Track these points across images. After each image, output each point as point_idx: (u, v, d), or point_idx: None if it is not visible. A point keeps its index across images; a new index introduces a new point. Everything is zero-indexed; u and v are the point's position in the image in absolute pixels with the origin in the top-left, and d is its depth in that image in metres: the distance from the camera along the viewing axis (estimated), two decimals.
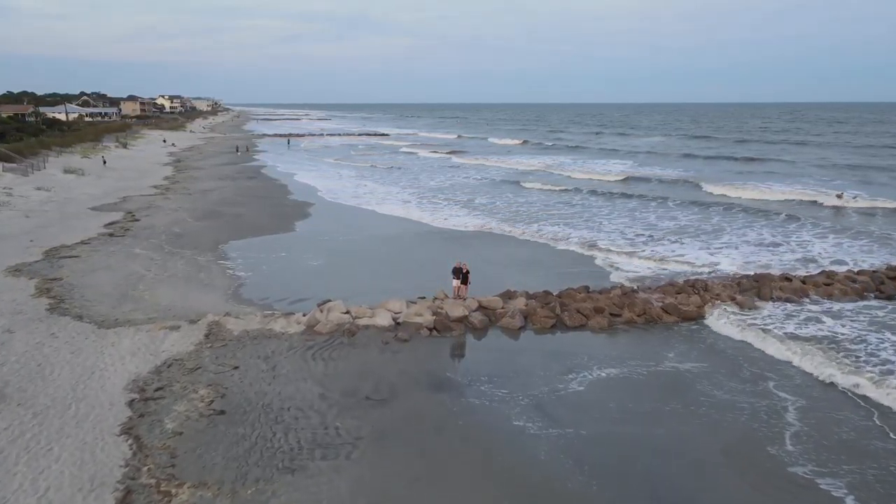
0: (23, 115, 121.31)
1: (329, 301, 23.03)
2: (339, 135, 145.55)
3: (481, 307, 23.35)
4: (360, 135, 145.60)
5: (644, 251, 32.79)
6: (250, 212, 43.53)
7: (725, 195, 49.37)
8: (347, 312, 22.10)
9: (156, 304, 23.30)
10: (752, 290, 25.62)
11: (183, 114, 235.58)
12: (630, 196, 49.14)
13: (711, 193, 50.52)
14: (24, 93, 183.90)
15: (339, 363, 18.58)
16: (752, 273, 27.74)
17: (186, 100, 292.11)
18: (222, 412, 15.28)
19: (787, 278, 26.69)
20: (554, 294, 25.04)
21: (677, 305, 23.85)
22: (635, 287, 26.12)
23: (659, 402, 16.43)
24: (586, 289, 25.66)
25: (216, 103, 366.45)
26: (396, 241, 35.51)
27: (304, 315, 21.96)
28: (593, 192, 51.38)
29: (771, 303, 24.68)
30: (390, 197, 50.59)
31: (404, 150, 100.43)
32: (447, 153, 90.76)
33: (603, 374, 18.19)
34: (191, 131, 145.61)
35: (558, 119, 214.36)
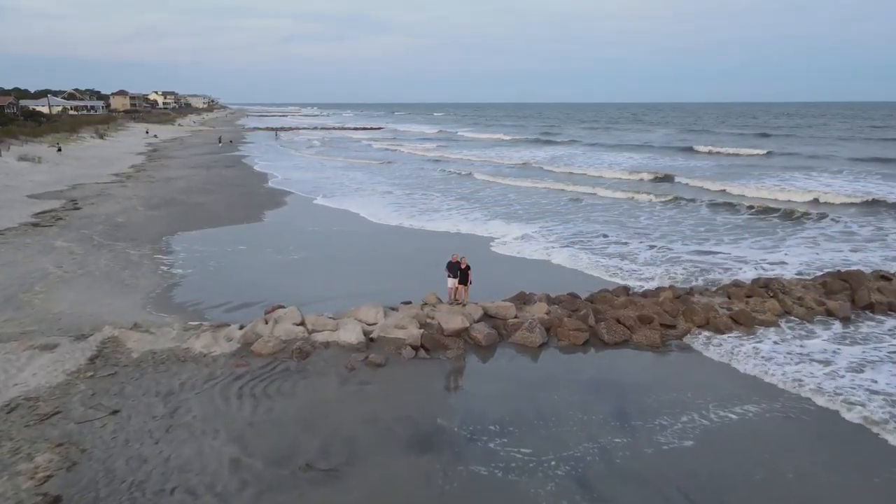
0: (1, 106, 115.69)
1: (280, 307, 16.90)
2: (327, 129, 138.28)
3: (487, 316, 17.22)
4: (340, 129, 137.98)
5: (680, 248, 26.64)
6: (215, 200, 37.35)
7: (773, 198, 38.47)
8: (302, 324, 15.93)
9: (45, 312, 17.14)
10: (843, 291, 19.47)
11: (177, 110, 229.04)
12: (668, 199, 39.03)
13: (760, 197, 38.83)
14: (17, 89, 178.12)
15: (277, 404, 12.40)
16: (836, 271, 21.50)
17: (181, 96, 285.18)
18: (56, 500, 9.10)
19: (885, 276, 20.51)
20: (583, 298, 18.91)
21: (750, 313, 17.69)
22: (689, 288, 19.94)
23: (819, 476, 10.25)
24: (626, 291, 19.49)
25: (212, 101, 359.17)
26: (377, 236, 29.36)
27: (241, 328, 15.79)
28: (601, 190, 43.02)
29: (870, 311, 18.55)
30: (368, 189, 43.74)
31: (386, 144, 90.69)
32: (430, 148, 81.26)
33: (688, 421, 11.99)
34: (179, 125, 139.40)
35: (558, 116, 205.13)
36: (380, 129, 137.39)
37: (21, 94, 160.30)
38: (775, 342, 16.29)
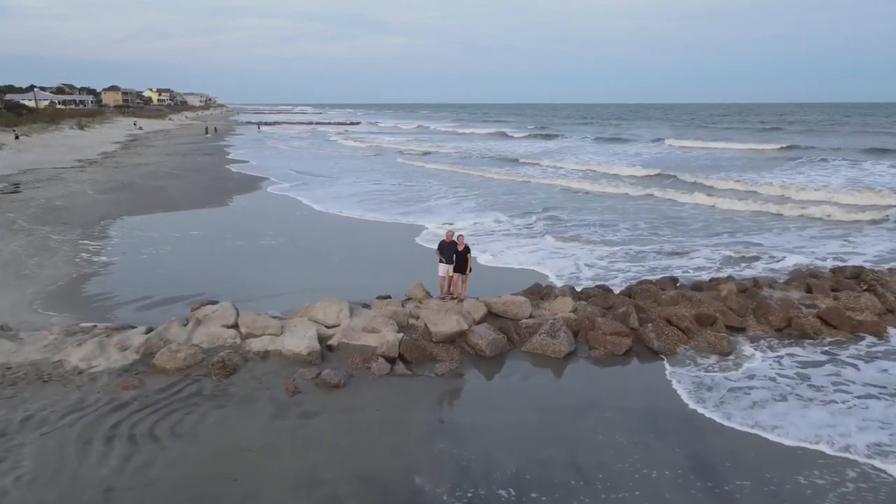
0: None
1: (211, 303, 12.44)
2: (309, 124, 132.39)
3: (493, 315, 12.75)
4: (319, 124, 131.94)
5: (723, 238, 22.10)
6: (179, 185, 32.89)
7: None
8: (234, 326, 11.44)
9: None
10: None
11: (172, 107, 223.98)
12: (683, 195, 30.95)
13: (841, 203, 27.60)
14: (11, 87, 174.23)
15: (165, 453, 7.90)
16: None
17: (176, 94, 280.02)
18: None
19: None
20: (618, 293, 14.42)
21: (844, 312, 13.18)
22: (753, 279, 15.40)
23: None
24: (674, 282, 14.99)
25: (210, 99, 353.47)
26: (355, 227, 24.64)
27: (147, 332, 11.29)
28: (589, 184, 35.00)
29: None
30: (341, 178, 38.25)
31: (354, 137, 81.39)
32: (400, 142, 73.61)
33: (859, 477, 7.49)
34: (169, 119, 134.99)
35: (556, 115, 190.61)
36: (357, 123, 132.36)
37: (14, 90, 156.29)
38: None
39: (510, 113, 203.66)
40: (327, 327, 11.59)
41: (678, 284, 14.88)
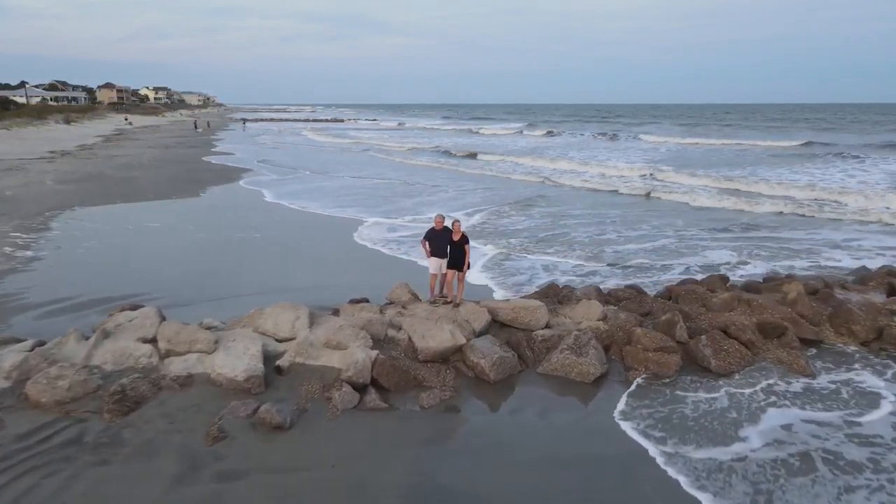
0: None
1: (135, 308, 9.53)
2: (295, 121, 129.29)
3: (498, 324, 9.84)
4: (304, 120, 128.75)
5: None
6: (152, 175, 30.01)
7: None
8: (152, 340, 8.54)
9: None
10: None
11: (168, 105, 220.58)
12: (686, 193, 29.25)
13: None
14: (7, 85, 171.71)
15: None
16: None
17: (174, 92, 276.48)
18: None
19: None
20: (654, 295, 11.52)
21: None
22: (821, 279, 12.46)
23: None
24: (724, 281, 12.07)
25: (208, 98, 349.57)
26: (336, 223, 21.59)
27: (33, 349, 8.39)
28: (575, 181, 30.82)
29: None
30: (322, 170, 35.39)
31: (332, 133, 78.48)
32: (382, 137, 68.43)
33: None
34: (162, 115, 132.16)
35: (553, 114, 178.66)
36: (341, 121, 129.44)
37: (6, 87, 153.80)
38: None
39: (507, 112, 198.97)
40: (278, 341, 8.70)
41: (729, 284, 11.98)
